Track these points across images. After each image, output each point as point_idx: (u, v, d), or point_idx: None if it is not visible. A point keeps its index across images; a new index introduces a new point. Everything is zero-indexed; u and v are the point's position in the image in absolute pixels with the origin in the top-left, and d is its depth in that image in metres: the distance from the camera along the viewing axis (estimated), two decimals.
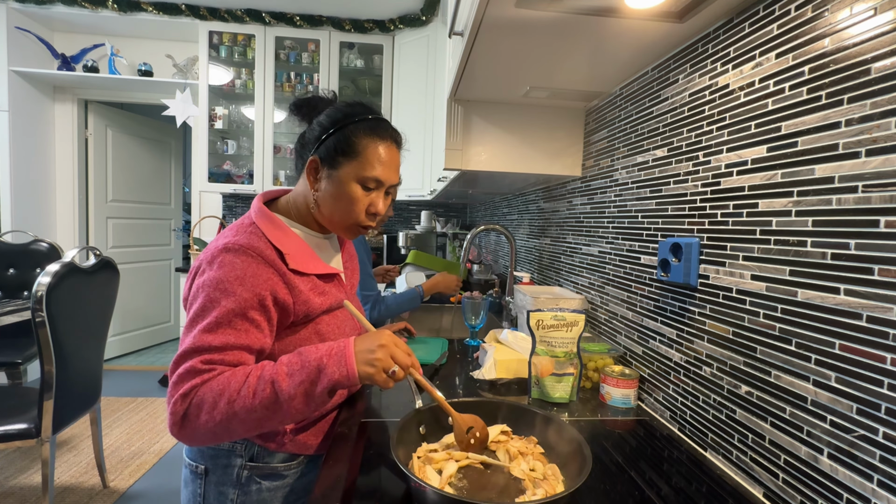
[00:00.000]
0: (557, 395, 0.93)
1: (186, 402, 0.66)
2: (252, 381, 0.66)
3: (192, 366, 0.67)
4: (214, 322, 0.69)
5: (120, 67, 3.16)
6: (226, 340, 0.69)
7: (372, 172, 0.79)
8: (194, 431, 0.66)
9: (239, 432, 0.68)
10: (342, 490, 0.61)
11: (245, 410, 0.65)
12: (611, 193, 1.17)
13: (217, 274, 0.71)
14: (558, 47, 0.93)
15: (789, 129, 0.63)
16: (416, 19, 2.82)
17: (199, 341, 0.68)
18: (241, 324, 0.70)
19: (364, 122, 0.81)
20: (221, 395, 0.65)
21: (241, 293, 0.70)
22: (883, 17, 0.51)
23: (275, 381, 0.66)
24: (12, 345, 2.39)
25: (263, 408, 0.66)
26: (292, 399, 0.66)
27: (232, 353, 0.69)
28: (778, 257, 0.64)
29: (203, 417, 0.65)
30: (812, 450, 0.58)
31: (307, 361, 0.68)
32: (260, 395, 0.65)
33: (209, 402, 0.65)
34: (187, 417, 0.65)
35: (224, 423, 0.65)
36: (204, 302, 0.70)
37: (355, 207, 0.81)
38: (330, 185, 0.80)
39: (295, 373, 0.67)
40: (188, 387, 0.66)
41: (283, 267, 0.76)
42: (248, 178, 3.16)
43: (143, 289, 3.88)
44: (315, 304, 0.80)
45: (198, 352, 0.68)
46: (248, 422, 0.66)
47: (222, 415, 0.65)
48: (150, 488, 2.03)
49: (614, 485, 0.65)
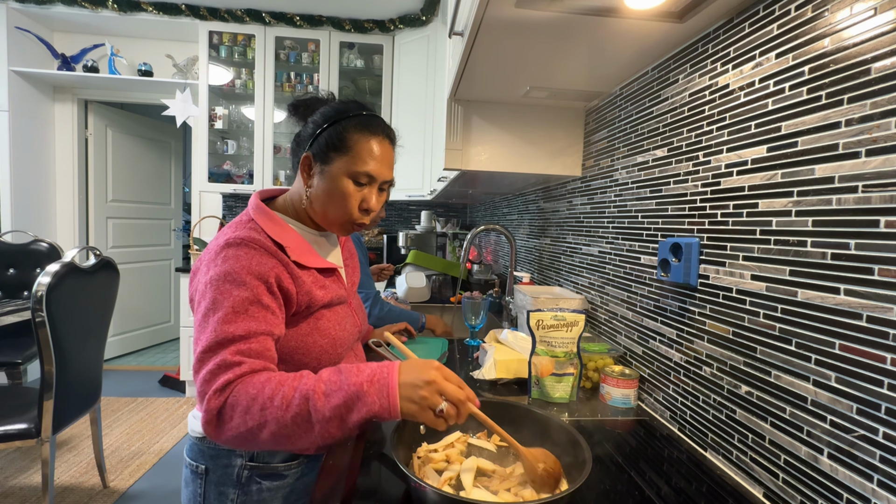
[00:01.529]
0: (557, 395, 0.93)
1: (223, 398, 0.63)
2: (288, 391, 0.62)
3: (223, 359, 0.64)
4: (231, 312, 0.67)
5: (120, 67, 3.16)
6: (248, 328, 0.67)
7: (363, 167, 0.79)
8: (226, 432, 0.63)
9: (268, 444, 0.63)
10: (342, 490, 0.61)
11: (276, 422, 0.61)
12: (611, 193, 1.17)
13: (223, 268, 0.70)
14: (558, 47, 0.93)
15: (789, 129, 0.63)
16: (416, 19, 2.82)
17: (221, 333, 0.66)
18: (258, 311, 0.69)
19: (356, 118, 0.81)
20: (255, 399, 0.62)
21: (250, 281, 0.70)
22: (883, 17, 0.51)
23: (310, 397, 0.62)
24: (12, 345, 2.39)
25: (295, 424, 0.62)
26: (328, 422, 0.61)
27: (257, 339, 0.68)
28: (778, 257, 0.64)
29: (236, 420, 0.62)
30: (812, 450, 0.58)
31: (347, 383, 0.63)
32: (294, 409, 0.61)
33: (243, 406, 0.62)
34: (222, 416, 0.63)
35: (255, 430, 0.62)
36: (214, 295, 0.69)
37: (347, 203, 0.80)
38: (322, 181, 0.81)
39: (333, 393, 0.62)
40: (222, 382, 0.63)
41: (285, 257, 0.76)
42: (248, 178, 3.16)
43: (143, 289, 3.88)
44: (317, 297, 0.80)
45: (223, 344, 0.66)
46: (279, 436, 0.62)
47: (255, 422, 0.61)
48: (150, 488, 2.03)
49: (614, 485, 0.65)
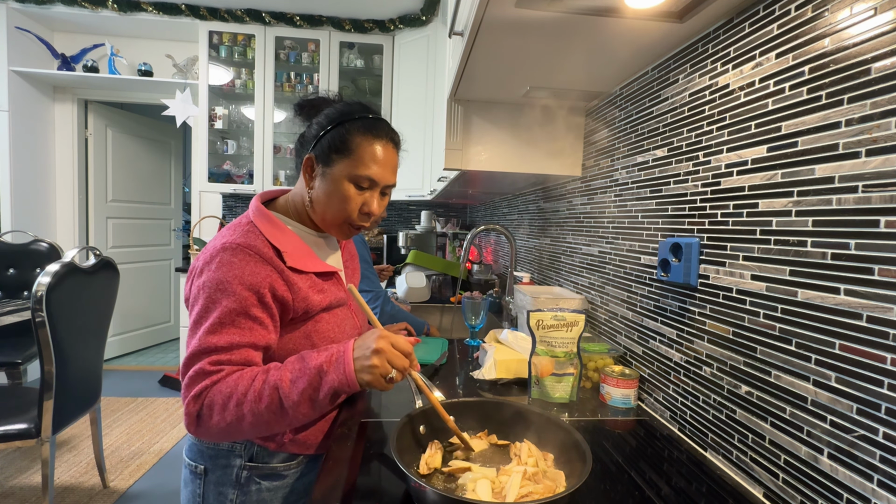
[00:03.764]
0: (557, 395, 0.93)
1: (198, 403, 0.68)
2: (258, 385, 0.68)
3: (201, 368, 0.68)
4: (218, 322, 0.70)
5: (120, 67, 3.16)
6: (231, 340, 0.70)
7: (365, 171, 0.79)
8: (209, 430, 0.69)
9: (251, 433, 0.70)
10: (342, 491, 0.61)
11: (252, 414, 0.67)
12: (611, 193, 1.17)
13: (216, 275, 0.71)
14: (558, 47, 0.93)
15: (789, 129, 0.63)
16: (416, 19, 2.82)
17: (204, 343, 0.69)
18: (245, 322, 0.71)
19: (360, 121, 0.80)
20: (230, 397, 0.67)
21: (240, 292, 0.71)
22: (883, 17, 0.51)
23: (279, 387, 0.68)
24: (12, 345, 2.39)
25: (270, 412, 0.67)
26: (297, 405, 0.68)
27: (238, 351, 0.70)
28: (778, 257, 0.64)
29: (215, 418, 0.67)
30: (812, 450, 0.58)
31: (309, 367, 0.69)
32: (266, 399, 0.67)
33: (219, 404, 0.67)
34: (201, 418, 0.68)
35: (235, 423, 0.68)
36: (205, 303, 0.71)
37: (347, 206, 0.80)
38: (323, 183, 0.80)
39: (298, 379, 0.68)
40: (199, 389, 0.68)
41: (280, 264, 0.76)
42: (248, 178, 3.16)
43: (143, 289, 3.88)
44: (314, 302, 0.80)
45: (205, 353, 0.69)
46: (259, 424, 0.68)
47: (232, 416, 0.67)
48: (150, 488, 2.03)
49: (614, 485, 0.65)
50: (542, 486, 0.58)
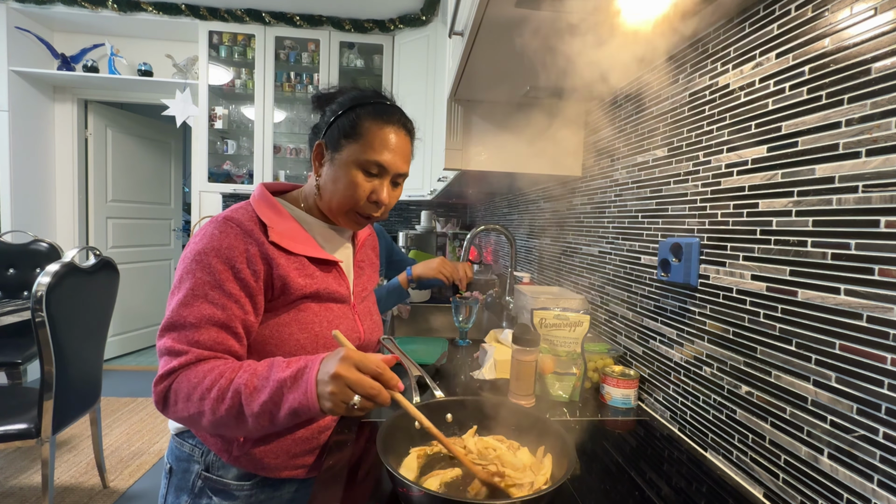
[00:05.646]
0: (555, 392, 0.93)
1: (167, 383, 0.67)
2: (223, 384, 0.64)
3: (171, 345, 0.67)
4: (190, 294, 0.68)
5: (120, 67, 3.16)
6: (200, 314, 0.68)
7: (374, 156, 0.75)
8: (174, 414, 0.67)
9: (211, 430, 0.68)
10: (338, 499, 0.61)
11: (212, 412, 0.64)
12: (611, 193, 1.17)
13: (197, 246, 0.71)
14: (558, 47, 0.92)
15: (789, 128, 0.63)
16: (416, 19, 2.82)
17: (175, 316, 0.68)
18: (217, 297, 0.69)
19: (371, 106, 0.78)
20: (195, 388, 0.65)
21: (215, 264, 0.69)
22: (883, 17, 0.51)
23: (242, 392, 0.64)
24: (12, 345, 2.38)
25: (230, 416, 0.64)
26: (257, 417, 0.63)
27: (207, 331, 0.68)
28: (778, 257, 0.64)
29: (180, 405, 0.66)
30: (812, 450, 0.58)
31: (272, 379, 0.63)
32: (227, 402, 0.63)
33: (184, 393, 0.65)
34: (167, 400, 0.67)
35: (196, 416, 0.65)
36: (181, 273, 0.70)
37: (355, 193, 0.77)
38: (331, 169, 0.78)
39: (261, 389, 0.63)
40: (167, 368, 0.67)
41: (261, 237, 0.73)
42: (248, 178, 3.16)
43: (142, 289, 3.88)
44: (296, 284, 0.75)
45: (175, 327, 0.68)
46: (218, 424, 0.65)
47: (195, 409, 0.65)
48: (150, 488, 2.03)
49: (614, 485, 0.65)
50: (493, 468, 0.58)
